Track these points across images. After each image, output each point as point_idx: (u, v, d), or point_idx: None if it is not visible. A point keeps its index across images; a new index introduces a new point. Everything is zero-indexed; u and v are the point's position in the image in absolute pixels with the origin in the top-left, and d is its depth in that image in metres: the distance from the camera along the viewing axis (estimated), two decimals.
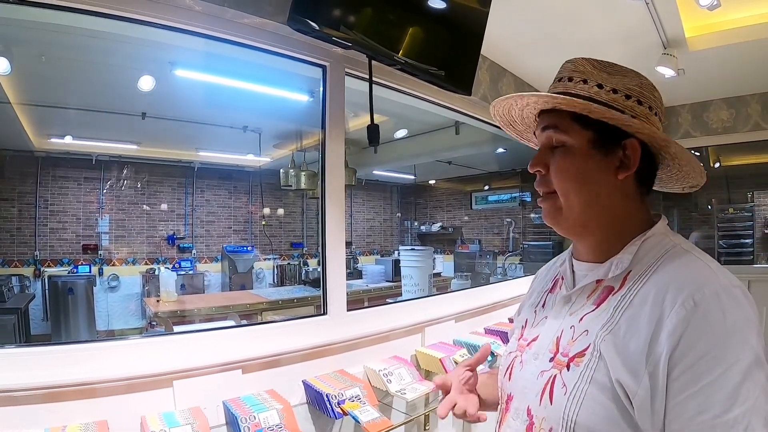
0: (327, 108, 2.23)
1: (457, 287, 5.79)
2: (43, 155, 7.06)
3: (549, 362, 0.92)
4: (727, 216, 7.13)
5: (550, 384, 0.88)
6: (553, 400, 0.86)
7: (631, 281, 0.87)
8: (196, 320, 5.11)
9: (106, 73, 4.45)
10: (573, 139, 0.93)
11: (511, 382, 1.02)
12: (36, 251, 7.23)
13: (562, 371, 0.87)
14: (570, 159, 0.93)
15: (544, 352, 0.95)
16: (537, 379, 0.92)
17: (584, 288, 0.95)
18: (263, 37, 2.00)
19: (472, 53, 2.36)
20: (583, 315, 0.91)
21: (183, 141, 7.39)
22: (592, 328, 0.86)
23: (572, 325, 0.92)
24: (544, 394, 0.89)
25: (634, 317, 0.81)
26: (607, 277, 0.91)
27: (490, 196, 10.78)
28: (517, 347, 1.06)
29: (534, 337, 1.01)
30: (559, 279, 1.07)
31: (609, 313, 0.85)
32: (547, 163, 0.95)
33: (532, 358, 0.97)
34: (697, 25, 3.08)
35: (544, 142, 0.98)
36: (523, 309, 1.16)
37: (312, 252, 9.43)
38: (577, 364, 0.85)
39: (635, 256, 0.89)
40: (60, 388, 1.43)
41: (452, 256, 10.25)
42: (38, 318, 7.06)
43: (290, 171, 6.07)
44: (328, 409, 1.77)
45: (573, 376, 0.84)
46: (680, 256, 0.87)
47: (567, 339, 0.91)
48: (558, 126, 0.94)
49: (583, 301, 0.94)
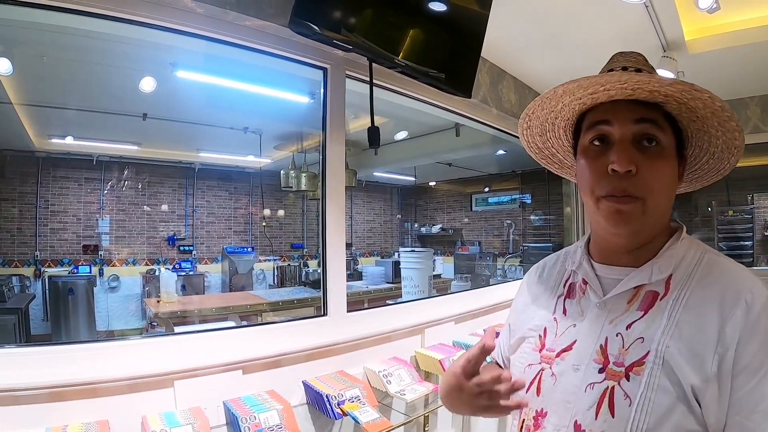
0: (328, 110, 2.24)
1: (457, 289, 5.79)
2: (43, 155, 7.06)
3: (599, 373, 0.86)
4: (727, 218, 7.13)
5: (608, 396, 0.84)
6: (615, 413, 0.82)
7: (678, 286, 0.86)
8: (197, 321, 5.11)
9: (108, 74, 4.46)
10: (667, 139, 0.88)
11: (541, 397, 0.94)
12: (36, 251, 7.23)
13: (621, 381, 0.83)
14: (666, 161, 0.88)
15: (587, 362, 0.89)
16: (585, 393, 0.87)
17: (621, 294, 0.90)
18: (264, 40, 2.01)
19: (472, 56, 2.37)
20: (631, 322, 0.87)
21: (184, 142, 7.40)
22: (649, 335, 0.83)
23: (618, 333, 0.87)
24: (601, 407, 0.84)
25: (694, 321, 0.81)
26: (650, 281, 0.88)
27: (490, 197, 10.78)
28: (541, 359, 0.98)
29: (565, 347, 0.95)
30: (578, 283, 1.01)
31: (665, 318, 0.83)
32: (637, 163, 0.85)
33: (570, 370, 0.91)
34: (697, 28, 3.09)
35: (630, 137, 0.87)
36: (528, 316, 1.08)
37: (312, 253, 9.43)
38: (638, 373, 0.81)
39: (674, 260, 0.89)
40: (61, 388, 1.44)
41: (452, 257, 10.24)
42: (38, 318, 7.06)
43: (291, 172, 6.08)
44: (328, 410, 1.78)
45: (636, 385, 0.81)
46: (718, 262, 0.89)
47: (616, 348, 0.86)
48: (658, 122, 0.87)
49: (622, 307, 0.90)
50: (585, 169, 0.93)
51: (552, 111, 0.99)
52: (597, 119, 0.91)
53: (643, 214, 0.86)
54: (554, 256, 1.17)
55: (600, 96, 0.89)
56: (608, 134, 0.89)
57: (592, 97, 0.91)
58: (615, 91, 0.87)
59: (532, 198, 9.75)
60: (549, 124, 1.04)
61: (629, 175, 0.85)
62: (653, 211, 0.87)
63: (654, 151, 0.87)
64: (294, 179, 6.04)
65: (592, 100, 0.92)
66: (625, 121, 0.87)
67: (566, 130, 1.05)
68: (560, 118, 1.01)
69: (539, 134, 1.08)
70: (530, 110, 1.00)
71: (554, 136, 1.07)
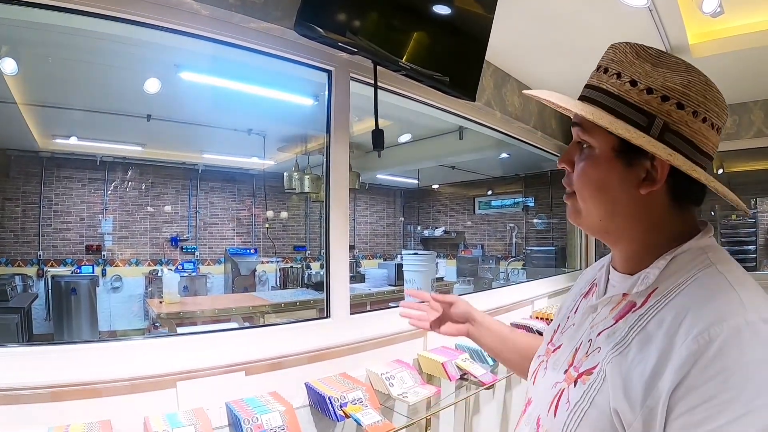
0: (332, 112, 2.24)
1: (459, 292, 5.78)
2: (47, 155, 7.10)
3: (563, 374, 0.88)
4: (730, 222, 7.11)
5: (558, 397, 0.85)
6: (557, 414, 0.83)
7: (653, 299, 0.79)
8: (199, 322, 5.12)
9: (112, 75, 4.49)
10: (597, 142, 0.85)
11: (534, 386, 1.00)
12: (39, 251, 7.26)
13: (570, 386, 0.83)
14: (591, 163, 0.86)
15: (562, 362, 0.91)
16: (551, 389, 0.89)
17: (610, 299, 0.88)
18: (269, 42, 2.01)
19: (477, 59, 2.37)
20: (602, 330, 0.85)
21: (187, 143, 7.43)
22: (604, 347, 0.81)
23: (590, 339, 0.87)
24: (551, 406, 0.86)
25: (644, 342, 0.74)
26: (632, 291, 0.83)
27: (493, 200, 10.79)
28: (545, 352, 1.02)
29: (559, 345, 0.98)
30: (595, 285, 1.01)
31: (623, 332, 0.79)
32: (573, 161, 0.89)
33: (551, 366, 0.94)
34: (701, 32, 3.08)
35: (575, 139, 0.91)
36: (561, 310, 1.11)
37: (315, 255, 9.45)
38: (584, 381, 0.81)
39: (663, 272, 0.81)
40: (63, 388, 1.44)
41: (455, 260, 10.23)
42: (41, 318, 7.09)
43: (294, 174, 6.10)
44: (331, 412, 1.78)
45: (577, 393, 0.81)
46: (710, 279, 0.76)
47: (582, 353, 0.86)
48: (583, 124, 0.86)
49: (605, 313, 0.88)
50: None
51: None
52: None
53: (579, 213, 0.90)
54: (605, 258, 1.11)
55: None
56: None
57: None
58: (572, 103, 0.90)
59: (535, 201, 9.76)
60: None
61: (567, 172, 0.91)
62: (590, 210, 0.88)
63: (585, 153, 0.88)
64: (297, 181, 6.06)
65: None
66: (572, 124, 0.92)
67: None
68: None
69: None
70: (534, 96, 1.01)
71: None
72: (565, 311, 1.07)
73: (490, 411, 2.94)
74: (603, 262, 1.02)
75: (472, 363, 2.35)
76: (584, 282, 1.09)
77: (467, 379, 2.34)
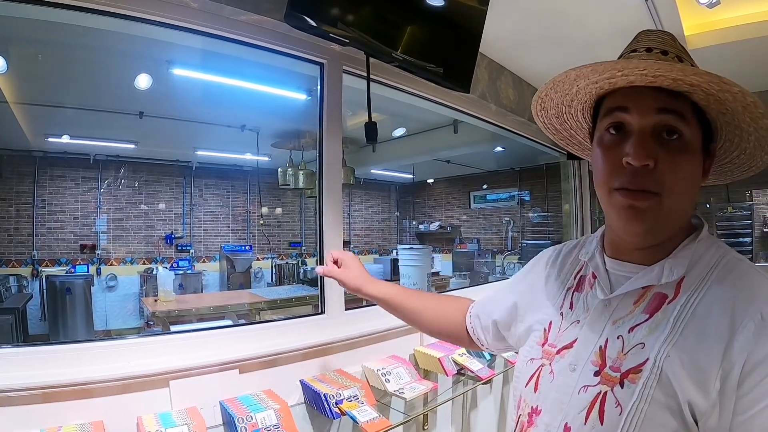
0: (324, 106, 2.21)
1: (455, 286, 5.78)
2: (40, 155, 7.07)
3: (594, 376, 0.82)
4: (725, 215, 7.13)
5: (599, 401, 0.80)
6: (604, 420, 0.78)
7: (688, 290, 0.79)
8: (194, 320, 5.11)
9: (104, 71, 4.46)
10: (692, 133, 0.80)
11: (538, 393, 0.91)
12: (34, 251, 7.24)
13: (614, 388, 0.79)
14: (688, 156, 0.80)
15: (584, 363, 0.85)
16: (579, 395, 0.83)
17: (628, 293, 0.85)
18: (261, 35, 1.98)
19: (471, 51, 2.34)
20: (635, 325, 0.81)
21: (181, 140, 7.39)
22: (650, 341, 0.78)
23: (619, 335, 0.82)
24: (591, 412, 0.80)
25: (701, 330, 0.74)
26: (659, 282, 0.82)
27: (489, 195, 10.80)
28: (543, 354, 0.95)
29: (566, 344, 0.91)
30: (588, 277, 0.96)
31: (669, 324, 0.77)
32: (655, 157, 0.78)
33: (567, 369, 0.87)
34: (697, 23, 3.07)
35: (650, 128, 0.80)
36: (537, 305, 1.05)
37: (310, 251, 9.43)
38: (633, 380, 0.77)
39: (689, 261, 0.82)
40: (56, 389, 1.42)
41: (451, 255, 10.26)
42: (36, 318, 7.08)
43: (288, 170, 6.08)
44: (326, 409, 1.76)
45: (628, 394, 0.76)
46: (738, 266, 0.80)
47: (615, 351, 0.82)
48: (682, 113, 0.79)
49: (628, 307, 0.84)
50: (599, 159, 0.86)
51: (567, 94, 0.91)
52: (615, 105, 0.84)
53: (659, 213, 0.79)
54: (572, 242, 1.11)
55: (618, 81, 0.81)
56: (626, 123, 0.82)
57: (609, 82, 0.82)
58: (634, 77, 0.78)
59: (530, 195, 9.78)
60: (565, 107, 0.96)
61: (646, 170, 0.78)
62: (670, 209, 0.80)
63: (676, 145, 0.79)
64: (291, 177, 6.04)
65: (610, 85, 0.84)
66: (645, 110, 0.80)
67: (584, 112, 0.97)
68: (576, 101, 0.93)
69: (555, 116, 1.00)
70: (542, 93, 0.92)
71: (572, 118, 0.99)
72: (550, 309, 1.00)
73: (487, 406, 2.93)
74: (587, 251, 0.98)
75: (469, 358, 2.33)
76: (563, 274, 1.04)
77: (464, 374, 2.33)
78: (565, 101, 0.94)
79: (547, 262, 1.12)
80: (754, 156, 0.87)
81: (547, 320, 0.99)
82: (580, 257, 1.01)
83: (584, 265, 1.00)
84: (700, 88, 0.76)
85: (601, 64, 0.78)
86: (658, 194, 0.78)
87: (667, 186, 0.78)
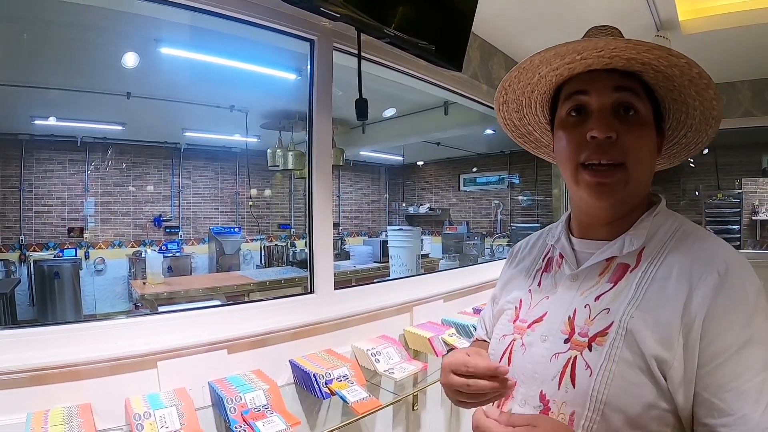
0: (314, 84, 2.18)
1: (444, 267, 5.79)
2: (26, 138, 6.96)
3: (564, 344, 0.88)
4: (714, 202, 7.19)
5: (571, 366, 0.85)
6: (576, 383, 0.83)
7: (648, 258, 0.87)
8: (183, 302, 5.10)
9: (90, 50, 4.36)
10: (645, 108, 0.89)
11: (512, 367, 0.95)
12: (21, 235, 7.16)
13: (583, 352, 0.84)
14: (645, 129, 0.88)
15: (554, 333, 0.91)
16: (550, 362, 0.88)
17: (593, 266, 0.93)
18: (250, 10, 1.94)
19: (463, 29, 2.31)
20: (600, 294, 0.88)
21: (169, 121, 7.31)
22: (615, 306, 0.84)
23: (586, 304, 0.89)
24: (563, 377, 0.85)
25: (661, 291, 0.81)
26: (621, 254, 0.89)
27: (479, 177, 10.80)
28: (514, 329, 1.00)
29: (536, 318, 0.97)
30: (555, 258, 1.04)
31: (632, 290, 0.84)
32: (617, 130, 0.86)
33: (538, 341, 0.93)
34: (691, 9, 3.04)
35: (609, 106, 0.88)
36: (509, 288, 1.12)
37: (299, 233, 9.40)
38: (600, 343, 0.82)
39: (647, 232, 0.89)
40: (43, 371, 1.40)
41: (440, 237, 10.26)
42: (24, 303, 7.03)
43: (277, 151, 6.04)
44: (316, 390, 1.76)
45: (597, 356, 0.82)
46: (694, 233, 0.88)
47: (582, 319, 0.88)
48: (635, 90, 0.88)
49: (593, 279, 0.92)
50: (563, 139, 0.93)
51: (528, 84, 0.99)
52: (574, 89, 0.92)
53: (626, 185, 0.87)
54: (538, 232, 1.19)
55: (576, 66, 0.90)
56: (586, 104, 0.90)
57: (568, 67, 0.91)
58: (592, 60, 0.87)
59: (520, 178, 9.80)
60: (525, 99, 1.04)
61: (609, 141, 0.85)
62: (636, 181, 0.88)
63: (633, 120, 0.87)
64: (281, 158, 6.00)
65: (569, 71, 0.92)
66: (603, 90, 0.88)
67: (543, 105, 1.05)
68: (537, 92, 1.01)
69: (515, 110, 1.08)
70: (506, 83, 0.99)
71: (531, 112, 1.07)
72: (521, 289, 1.07)
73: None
74: (554, 235, 1.06)
75: (459, 338, 2.33)
76: (532, 259, 1.12)
77: None
78: (525, 92, 1.02)
79: (519, 251, 1.20)
80: (699, 131, 0.96)
81: (518, 299, 1.06)
82: (548, 241, 1.09)
83: (551, 248, 1.07)
84: (651, 66, 0.86)
85: (563, 45, 0.85)
86: (623, 164, 0.86)
87: (631, 154, 0.86)
